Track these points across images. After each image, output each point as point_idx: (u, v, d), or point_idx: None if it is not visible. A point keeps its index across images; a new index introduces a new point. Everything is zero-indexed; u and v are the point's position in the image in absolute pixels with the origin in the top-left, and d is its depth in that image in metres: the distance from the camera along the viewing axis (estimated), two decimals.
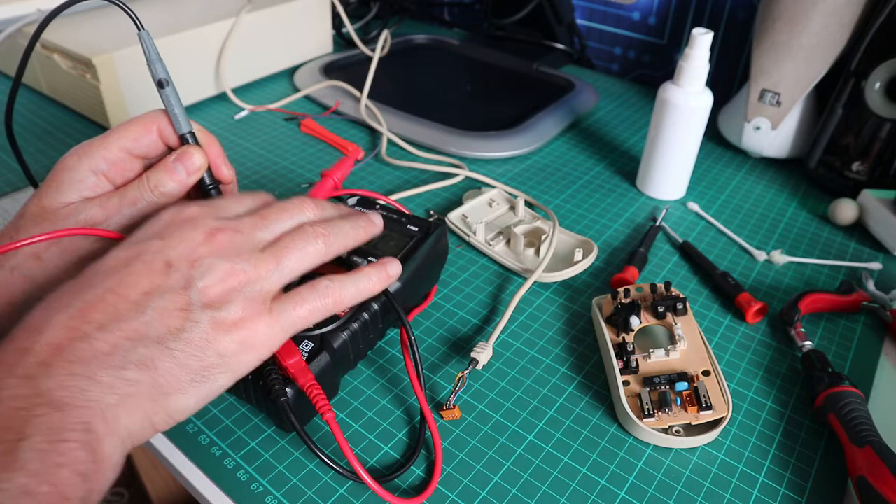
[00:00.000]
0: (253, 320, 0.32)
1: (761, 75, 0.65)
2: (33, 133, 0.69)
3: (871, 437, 0.37)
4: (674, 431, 0.40)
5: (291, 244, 0.35)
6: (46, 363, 0.28)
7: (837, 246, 0.58)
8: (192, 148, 0.40)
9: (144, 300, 0.31)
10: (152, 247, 0.32)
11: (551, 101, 0.77)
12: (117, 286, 0.31)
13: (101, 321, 0.30)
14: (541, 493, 0.37)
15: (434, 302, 0.50)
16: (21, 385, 0.27)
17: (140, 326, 0.30)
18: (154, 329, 0.30)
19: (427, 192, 0.63)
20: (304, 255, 0.35)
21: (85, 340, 0.29)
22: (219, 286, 0.32)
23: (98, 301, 0.30)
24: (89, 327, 0.29)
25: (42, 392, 0.27)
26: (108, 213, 0.38)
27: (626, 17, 0.88)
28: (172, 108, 0.39)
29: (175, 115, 0.39)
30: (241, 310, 0.32)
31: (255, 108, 0.76)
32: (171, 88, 0.39)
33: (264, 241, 0.35)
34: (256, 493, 0.37)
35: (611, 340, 0.44)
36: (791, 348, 0.47)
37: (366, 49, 0.87)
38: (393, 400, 0.42)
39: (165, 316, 0.31)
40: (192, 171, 0.40)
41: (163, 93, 0.39)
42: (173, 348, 0.31)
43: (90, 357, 0.29)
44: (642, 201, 0.63)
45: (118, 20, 0.73)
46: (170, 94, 0.39)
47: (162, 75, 0.39)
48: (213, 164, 0.42)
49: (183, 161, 0.39)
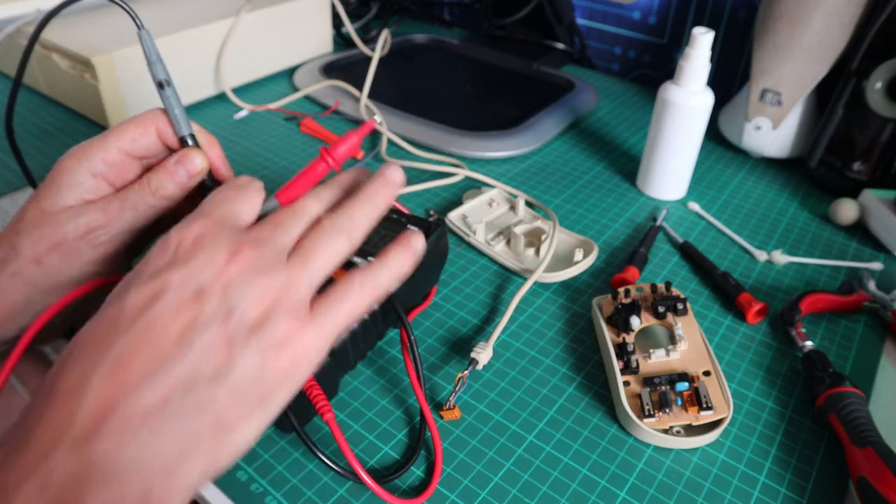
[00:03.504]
0: (299, 332, 0.30)
1: (762, 75, 0.65)
2: (32, 133, 0.69)
3: (872, 438, 0.37)
4: (674, 432, 0.40)
5: (317, 245, 0.32)
6: (94, 430, 0.26)
7: (838, 246, 0.58)
8: (194, 150, 0.39)
9: (185, 339, 0.28)
10: (175, 277, 0.29)
11: (551, 101, 0.77)
12: (150, 328, 0.28)
13: (143, 372, 0.27)
14: (541, 493, 0.37)
15: (434, 302, 0.50)
16: (70, 458, 0.25)
17: (188, 369, 0.28)
18: (203, 369, 0.28)
19: (427, 192, 0.63)
20: (331, 254, 0.33)
21: (132, 396, 0.26)
22: (258, 306, 0.30)
23: (133, 348, 0.27)
24: (133, 380, 0.27)
25: (94, 463, 0.25)
26: (109, 216, 0.37)
27: (626, 17, 0.88)
28: (172, 109, 0.39)
29: (175, 117, 0.39)
30: (285, 325, 0.30)
31: (254, 108, 0.75)
32: (172, 89, 0.39)
33: (286, 247, 0.32)
34: (256, 494, 0.36)
35: (611, 340, 0.44)
36: (792, 348, 0.47)
37: (366, 49, 0.87)
38: (393, 400, 0.42)
39: (211, 352, 0.28)
40: (194, 174, 0.39)
41: (163, 94, 0.39)
42: (228, 384, 0.28)
43: (143, 414, 0.26)
44: (642, 201, 0.63)
45: (118, 20, 0.73)
46: (170, 95, 0.39)
47: (162, 76, 0.39)
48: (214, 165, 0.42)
49: (184, 163, 0.39)
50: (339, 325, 0.32)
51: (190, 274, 0.29)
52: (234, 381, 0.28)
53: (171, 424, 0.27)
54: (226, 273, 0.30)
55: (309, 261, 0.32)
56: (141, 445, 0.26)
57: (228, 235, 0.31)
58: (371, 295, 0.33)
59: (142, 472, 0.26)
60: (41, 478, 0.24)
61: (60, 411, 0.26)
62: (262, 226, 0.33)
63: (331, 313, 0.32)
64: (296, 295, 0.31)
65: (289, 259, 0.32)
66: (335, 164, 0.38)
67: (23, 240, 0.37)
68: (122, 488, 0.25)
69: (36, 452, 0.25)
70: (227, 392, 0.28)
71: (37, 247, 0.37)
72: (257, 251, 0.31)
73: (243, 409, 0.29)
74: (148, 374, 0.27)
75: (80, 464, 0.25)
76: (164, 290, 0.29)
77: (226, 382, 0.28)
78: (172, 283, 0.29)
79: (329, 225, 0.33)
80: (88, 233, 0.37)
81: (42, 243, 0.37)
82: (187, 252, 0.30)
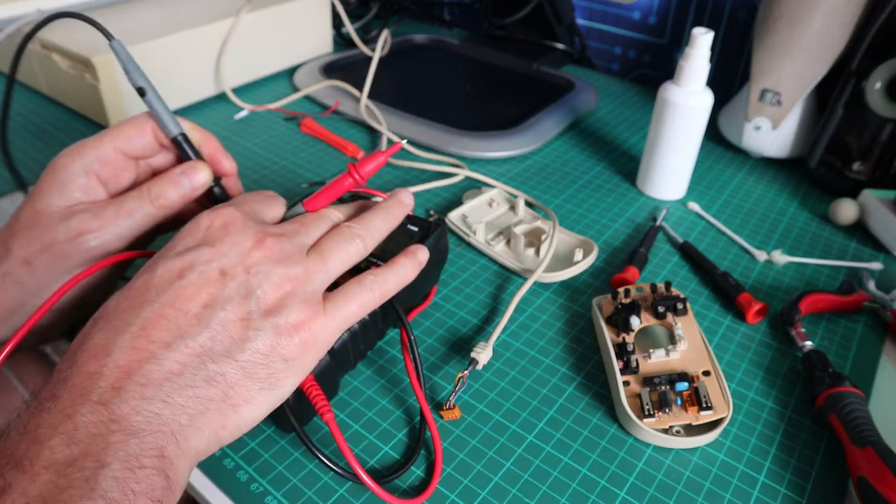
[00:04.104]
0: (311, 321, 0.33)
1: (762, 75, 0.65)
2: (32, 133, 0.69)
3: (871, 438, 0.37)
4: (674, 432, 0.40)
5: (334, 246, 0.36)
6: (118, 387, 0.28)
7: (838, 246, 0.58)
8: (200, 164, 0.40)
9: (206, 313, 0.30)
10: (203, 255, 0.32)
11: (551, 101, 0.77)
12: (175, 300, 0.30)
13: (166, 339, 0.29)
14: (541, 493, 0.37)
15: (434, 302, 0.50)
16: (95, 411, 0.27)
17: (206, 341, 0.30)
18: (220, 342, 0.30)
19: (427, 192, 0.63)
20: (346, 256, 0.36)
21: (154, 361, 0.29)
22: (276, 291, 0.32)
23: (158, 318, 0.30)
24: (155, 346, 0.29)
25: (117, 418, 0.27)
26: (103, 221, 0.37)
27: (626, 17, 0.88)
28: (158, 113, 0.39)
29: (161, 120, 0.39)
30: (299, 312, 0.32)
31: (254, 108, 0.75)
32: (153, 94, 0.39)
33: (307, 244, 0.35)
34: (256, 494, 0.37)
35: (611, 340, 0.44)
36: (791, 348, 0.47)
37: (366, 49, 0.87)
38: (393, 400, 0.42)
39: (229, 328, 0.31)
40: (197, 186, 0.40)
41: (145, 100, 0.39)
42: (240, 359, 0.30)
43: (162, 378, 0.29)
44: (642, 201, 0.63)
45: (118, 20, 0.73)
46: (152, 100, 0.39)
47: (141, 83, 0.39)
48: (213, 158, 0.42)
49: (189, 175, 0.39)
50: (349, 320, 0.35)
51: (217, 254, 0.32)
52: (246, 359, 0.31)
53: (186, 391, 0.29)
54: (250, 257, 0.33)
55: (326, 258, 0.35)
56: (158, 408, 0.28)
57: (255, 226, 0.34)
58: (379, 296, 0.36)
59: (157, 433, 0.28)
60: (66, 435, 0.26)
61: (89, 366, 0.28)
62: (287, 224, 0.36)
63: (341, 308, 0.34)
64: (311, 286, 0.34)
65: (308, 254, 0.35)
66: (361, 180, 0.39)
67: (16, 240, 0.37)
68: (139, 444, 0.27)
69: (60, 412, 0.27)
70: (237, 368, 0.30)
71: (28, 248, 0.37)
72: (280, 243, 0.34)
73: (250, 387, 0.31)
74: (170, 342, 0.29)
75: (105, 416, 0.27)
76: (191, 267, 0.32)
77: (238, 358, 0.30)
78: (200, 261, 0.32)
79: (348, 230, 0.37)
80: (79, 235, 0.37)
81: (34, 244, 0.37)
82: (216, 234, 0.33)
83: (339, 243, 0.36)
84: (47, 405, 0.27)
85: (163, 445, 0.28)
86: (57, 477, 0.25)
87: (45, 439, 0.26)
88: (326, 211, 0.38)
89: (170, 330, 0.30)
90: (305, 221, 0.37)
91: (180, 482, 0.29)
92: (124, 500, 0.26)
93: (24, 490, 0.25)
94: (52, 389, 0.28)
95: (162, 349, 0.29)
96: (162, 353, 0.29)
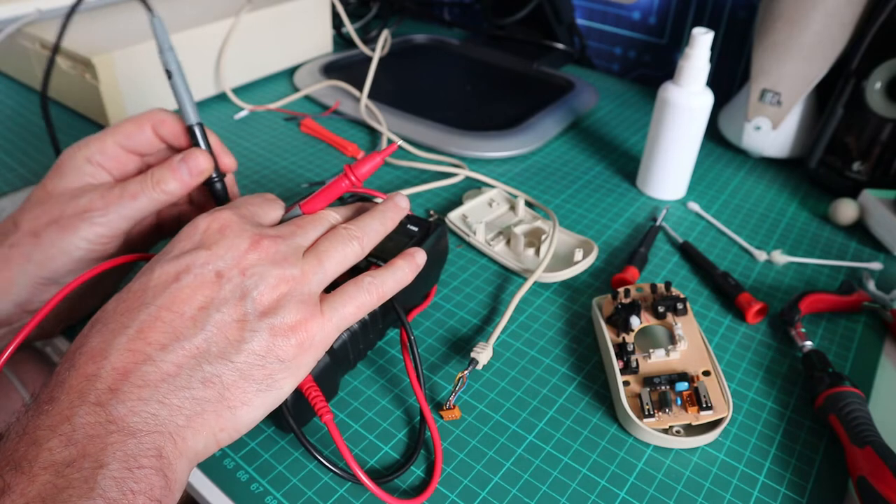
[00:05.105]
0: (307, 322, 0.33)
1: (762, 75, 0.65)
2: (33, 133, 0.69)
3: (871, 438, 0.37)
4: (674, 432, 0.40)
5: (331, 247, 0.36)
6: (115, 389, 0.28)
7: (838, 246, 0.58)
8: (199, 151, 0.41)
9: (201, 315, 0.31)
10: (199, 258, 0.32)
11: (551, 101, 0.77)
12: (171, 303, 0.31)
13: (162, 341, 0.30)
14: (541, 493, 0.37)
15: (434, 302, 0.50)
16: (93, 412, 0.27)
17: (201, 343, 0.30)
18: (215, 344, 0.30)
19: (427, 192, 0.63)
20: (343, 257, 0.36)
21: (150, 363, 0.29)
22: (272, 293, 0.32)
23: (154, 320, 0.30)
24: (151, 349, 0.29)
25: (114, 419, 0.27)
26: (108, 202, 0.39)
27: (626, 17, 0.88)
28: (181, 98, 0.40)
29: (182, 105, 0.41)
30: (295, 313, 0.32)
31: (254, 108, 0.75)
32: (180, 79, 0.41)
33: (304, 246, 0.35)
34: (256, 494, 0.37)
35: (611, 340, 0.44)
36: (791, 348, 0.47)
37: (366, 49, 0.87)
38: (393, 400, 0.42)
39: (225, 329, 0.31)
40: (196, 174, 0.41)
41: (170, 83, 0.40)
42: (236, 361, 0.31)
43: (158, 380, 0.29)
44: (642, 201, 0.63)
45: (118, 20, 0.73)
46: (178, 85, 0.41)
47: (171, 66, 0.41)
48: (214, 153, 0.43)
49: (188, 162, 0.40)
50: (346, 321, 0.35)
51: (213, 256, 0.32)
52: (242, 360, 0.31)
53: (182, 393, 0.29)
54: (245, 259, 0.33)
55: (322, 260, 0.35)
56: (155, 408, 0.28)
57: (252, 228, 0.34)
58: (376, 298, 0.36)
59: (154, 433, 0.28)
60: (64, 436, 0.26)
61: (87, 368, 0.29)
62: (284, 226, 0.36)
63: (338, 309, 0.34)
64: (307, 287, 0.34)
65: (304, 256, 0.35)
66: (357, 181, 0.39)
67: (25, 215, 0.39)
68: (137, 445, 0.27)
69: (58, 414, 0.27)
70: (233, 370, 0.31)
71: (36, 221, 0.39)
72: (276, 245, 0.34)
73: (246, 388, 0.31)
74: (166, 345, 0.30)
75: (102, 417, 0.27)
76: (187, 270, 0.32)
77: (234, 359, 0.31)
78: (196, 264, 0.32)
79: (345, 232, 0.37)
80: (86, 212, 0.39)
81: (42, 218, 0.39)
82: (213, 237, 0.33)
83: (335, 245, 0.36)
84: (45, 407, 0.28)
85: (161, 446, 0.28)
86: (55, 477, 0.25)
87: (43, 441, 0.26)
88: (323, 213, 0.38)
89: (166, 332, 0.30)
90: (302, 223, 0.37)
91: (179, 482, 0.29)
92: (123, 500, 0.26)
93: (23, 491, 0.25)
94: (50, 392, 0.28)
95: (158, 351, 0.29)
96: (158, 354, 0.29)
